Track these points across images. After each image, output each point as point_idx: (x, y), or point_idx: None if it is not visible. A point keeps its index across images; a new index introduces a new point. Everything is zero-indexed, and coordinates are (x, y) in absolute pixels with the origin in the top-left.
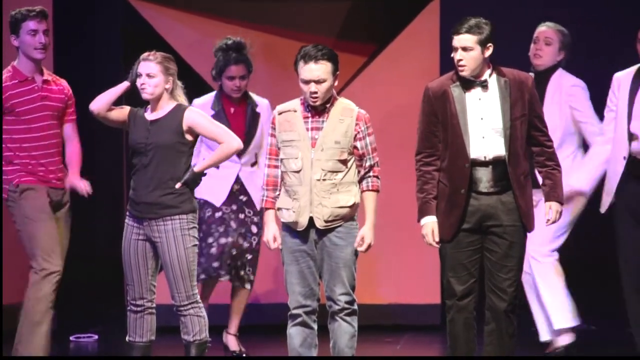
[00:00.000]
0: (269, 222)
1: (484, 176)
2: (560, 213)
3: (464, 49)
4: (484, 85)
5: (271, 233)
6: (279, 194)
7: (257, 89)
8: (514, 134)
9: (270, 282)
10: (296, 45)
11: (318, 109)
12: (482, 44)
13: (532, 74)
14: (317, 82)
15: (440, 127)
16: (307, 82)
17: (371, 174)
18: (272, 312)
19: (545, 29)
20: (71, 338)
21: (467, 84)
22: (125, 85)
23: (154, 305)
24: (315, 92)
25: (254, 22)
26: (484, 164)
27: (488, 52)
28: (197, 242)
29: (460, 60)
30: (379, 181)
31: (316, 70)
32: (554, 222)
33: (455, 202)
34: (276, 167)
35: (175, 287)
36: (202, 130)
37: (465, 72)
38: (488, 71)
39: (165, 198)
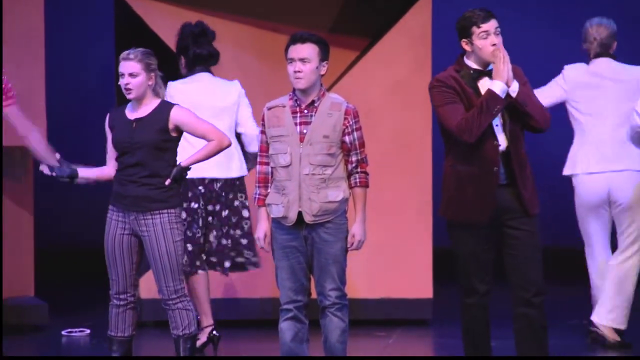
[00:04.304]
0: (260, 220)
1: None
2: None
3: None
4: (490, 75)
5: (262, 231)
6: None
7: (247, 84)
8: (512, 128)
9: (250, 277)
10: (287, 39)
11: (306, 103)
12: None
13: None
14: (302, 60)
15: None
16: (292, 61)
17: (359, 169)
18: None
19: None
20: (63, 332)
21: (476, 73)
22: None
23: (136, 299)
24: (300, 72)
25: (245, 16)
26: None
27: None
28: (183, 237)
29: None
30: (367, 177)
31: (302, 50)
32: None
33: (486, 183)
34: (267, 163)
35: (163, 281)
36: (189, 129)
37: None
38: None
39: (152, 192)
